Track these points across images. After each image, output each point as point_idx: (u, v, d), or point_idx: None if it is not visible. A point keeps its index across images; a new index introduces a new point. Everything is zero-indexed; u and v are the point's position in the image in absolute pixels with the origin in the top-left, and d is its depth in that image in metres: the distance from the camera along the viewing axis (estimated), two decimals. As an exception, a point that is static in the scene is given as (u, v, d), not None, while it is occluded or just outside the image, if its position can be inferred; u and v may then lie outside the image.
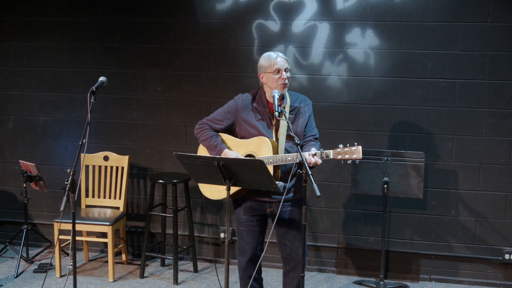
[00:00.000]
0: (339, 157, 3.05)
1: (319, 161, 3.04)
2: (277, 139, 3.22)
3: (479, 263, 4.36)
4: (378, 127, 4.39)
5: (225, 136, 3.33)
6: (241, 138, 3.29)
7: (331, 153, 3.06)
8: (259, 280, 3.52)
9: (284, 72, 3.21)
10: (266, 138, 3.18)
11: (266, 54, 3.30)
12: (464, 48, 4.20)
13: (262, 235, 3.40)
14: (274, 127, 3.25)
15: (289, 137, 3.19)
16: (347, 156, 3.03)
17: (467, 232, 4.36)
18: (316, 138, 3.35)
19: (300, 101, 3.34)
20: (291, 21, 4.40)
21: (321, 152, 3.06)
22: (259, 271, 3.48)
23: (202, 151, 3.38)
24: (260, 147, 3.18)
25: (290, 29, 4.42)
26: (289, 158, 3.08)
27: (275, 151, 3.17)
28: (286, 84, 3.22)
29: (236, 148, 3.27)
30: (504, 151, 4.24)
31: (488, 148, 4.26)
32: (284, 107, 3.24)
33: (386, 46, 4.30)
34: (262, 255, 3.34)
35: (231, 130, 3.36)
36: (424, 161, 4.01)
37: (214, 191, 3.32)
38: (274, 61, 3.22)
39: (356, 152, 3.02)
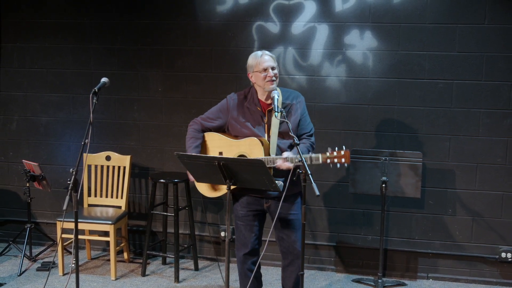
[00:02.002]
0: (328, 161, 3.10)
1: (291, 166, 3.08)
2: (268, 137, 3.27)
3: (476, 261, 4.41)
4: (376, 127, 4.44)
5: (217, 136, 3.39)
6: (235, 136, 3.34)
7: (320, 157, 3.10)
8: (258, 274, 3.57)
9: (270, 70, 3.26)
10: (257, 139, 3.23)
11: (253, 54, 3.37)
12: (461, 49, 4.25)
13: (260, 229, 3.46)
14: (266, 125, 3.30)
15: (287, 136, 3.25)
16: (335, 160, 3.09)
17: (464, 231, 4.40)
18: (310, 135, 3.40)
19: (292, 98, 3.38)
20: (290, 23, 4.45)
21: (310, 156, 3.10)
22: (258, 266, 3.53)
23: (201, 151, 3.43)
24: (252, 148, 3.23)
25: (290, 31, 4.47)
26: (278, 161, 3.13)
27: (267, 150, 3.22)
28: (273, 80, 3.27)
29: (228, 148, 3.31)
30: (500, 151, 4.28)
31: (485, 148, 4.30)
32: (271, 104, 3.28)
33: (384, 47, 4.35)
34: (262, 253, 3.40)
35: (224, 129, 3.42)
36: (421, 161, 4.05)
37: (211, 189, 3.38)
38: (259, 60, 3.29)
39: (344, 156, 3.08)
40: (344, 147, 3.13)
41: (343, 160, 3.08)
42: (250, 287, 3.46)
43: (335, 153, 3.09)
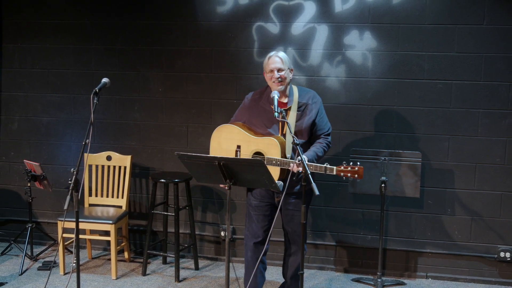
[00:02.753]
0: (341, 174, 3.19)
1: (301, 169, 3.14)
2: (283, 135, 3.37)
3: (475, 260, 4.43)
4: (375, 127, 4.46)
5: (237, 129, 3.48)
6: (253, 132, 3.47)
7: (334, 169, 3.18)
8: (264, 263, 3.69)
9: (276, 72, 3.38)
10: (275, 139, 3.32)
11: (268, 54, 3.50)
12: (460, 50, 4.27)
13: (271, 220, 3.52)
14: (280, 123, 3.40)
15: (300, 135, 3.37)
16: (349, 175, 3.18)
17: (463, 230, 4.43)
18: (327, 134, 3.52)
19: (308, 97, 3.50)
20: (290, 24, 4.47)
21: (326, 167, 3.17)
22: (265, 254, 3.63)
23: (214, 151, 3.51)
24: (270, 148, 3.33)
25: (290, 31, 4.49)
26: (292, 165, 3.22)
27: (283, 149, 3.30)
28: (280, 82, 3.38)
29: (246, 144, 3.41)
30: (499, 151, 4.31)
31: (483, 148, 4.32)
32: (290, 107, 3.37)
33: (383, 48, 4.37)
34: (268, 244, 3.49)
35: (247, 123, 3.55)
36: (421, 160, 4.07)
37: None
38: (267, 61, 3.45)
39: (357, 172, 3.17)
40: (358, 163, 3.22)
41: (356, 175, 3.17)
42: (255, 275, 3.53)
43: (349, 168, 3.18)
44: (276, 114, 3.19)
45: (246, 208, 3.64)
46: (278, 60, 3.40)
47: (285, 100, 3.46)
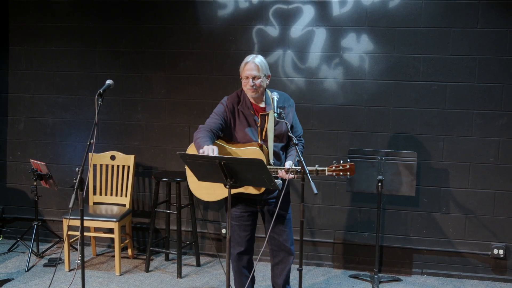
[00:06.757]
0: (334, 174, 3.19)
1: (292, 176, 3.17)
2: (263, 141, 3.33)
3: (469, 257, 4.50)
4: (372, 128, 4.54)
5: (219, 144, 3.37)
6: (231, 141, 3.39)
7: (326, 170, 3.19)
8: (250, 270, 3.62)
9: (250, 80, 3.27)
10: (257, 148, 3.27)
11: (246, 57, 3.36)
12: (454, 52, 4.34)
13: (253, 228, 3.53)
14: (259, 128, 3.34)
15: (281, 138, 3.33)
16: (341, 173, 3.18)
17: (457, 228, 4.50)
18: (300, 136, 3.49)
19: (283, 100, 3.41)
20: (289, 27, 4.56)
21: (317, 169, 3.18)
22: (251, 262, 3.61)
23: (190, 150, 3.47)
24: (253, 157, 3.28)
25: (289, 34, 4.57)
26: (280, 172, 3.21)
27: (267, 156, 3.30)
28: (254, 90, 3.28)
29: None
30: (492, 150, 4.38)
31: (477, 148, 4.40)
32: (268, 112, 3.34)
33: (380, 50, 4.45)
34: (262, 249, 3.50)
35: (226, 130, 3.42)
36: (416, 160, 4.14)
37: (211, 194, 3.44)
38: (243, 67, 3.32)
39: (349, 170, 3.17)
40: (348, 160, 3.24)
41: (348, 173, 3.17)
42: (244, 282, 3.57)
43: (340, 167, 3.18)
44: (275, 115, 3.21)
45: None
46: (254, 67, 3.26)
47: (262, 105, 3.38)
